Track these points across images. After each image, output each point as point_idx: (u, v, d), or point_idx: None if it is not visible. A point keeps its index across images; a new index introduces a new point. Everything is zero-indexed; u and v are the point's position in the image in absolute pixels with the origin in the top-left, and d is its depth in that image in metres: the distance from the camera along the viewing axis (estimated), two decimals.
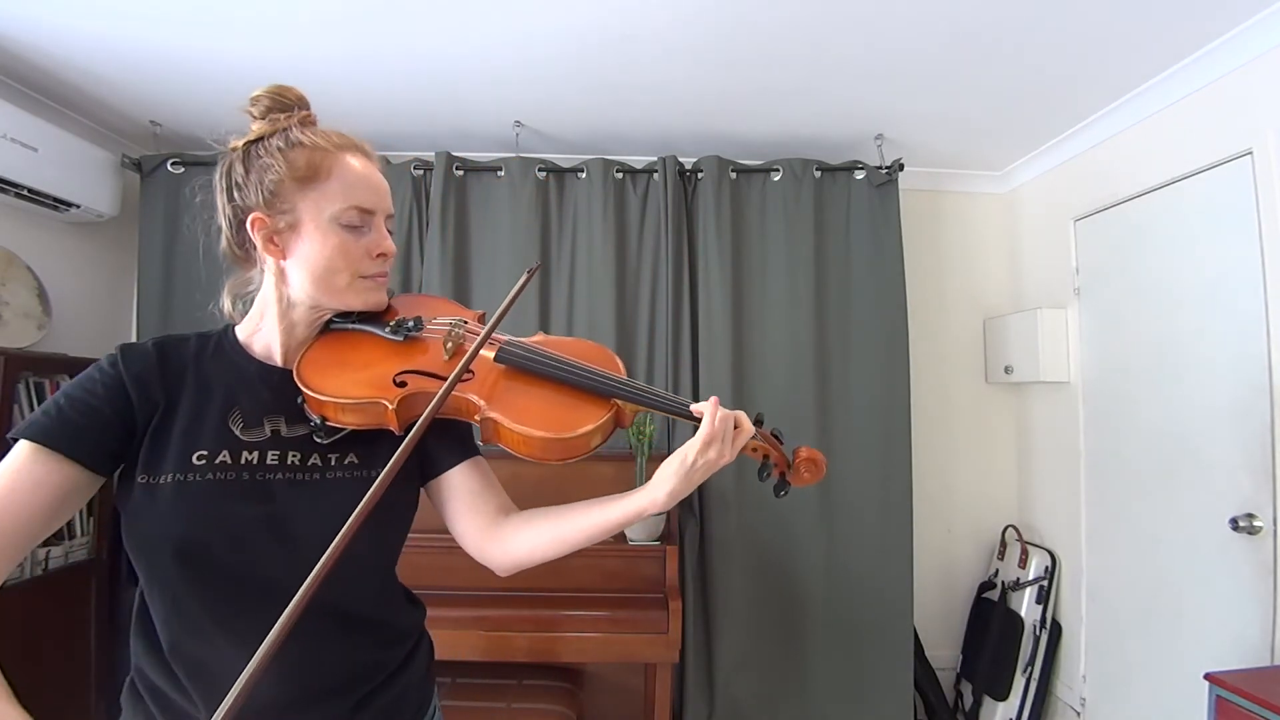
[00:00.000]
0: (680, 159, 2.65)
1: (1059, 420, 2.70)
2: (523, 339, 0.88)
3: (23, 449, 0.69)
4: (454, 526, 0.86)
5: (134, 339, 2.64)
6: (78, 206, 2.37)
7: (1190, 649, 2.03)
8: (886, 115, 2.47)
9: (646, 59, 2.09)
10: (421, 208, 2.64)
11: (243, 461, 0.75)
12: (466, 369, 0.79)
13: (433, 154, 2.60)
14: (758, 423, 0.86)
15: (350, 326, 0.84)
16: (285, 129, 0.79)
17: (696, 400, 0.84)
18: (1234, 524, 1.88)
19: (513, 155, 2.63)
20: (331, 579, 0.65)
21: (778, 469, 0.90)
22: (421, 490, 0.89)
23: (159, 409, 0.75)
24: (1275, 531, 1.79)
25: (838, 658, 2.53)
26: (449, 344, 0.84)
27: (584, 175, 2.63)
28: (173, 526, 0.70)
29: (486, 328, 0.82)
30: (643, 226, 2.66)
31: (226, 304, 0.88)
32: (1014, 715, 2.51)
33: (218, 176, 0.82)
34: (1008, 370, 2.82)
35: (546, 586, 2.12)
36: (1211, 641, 1.96)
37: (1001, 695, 2.54)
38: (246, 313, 0.86)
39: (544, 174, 2.61)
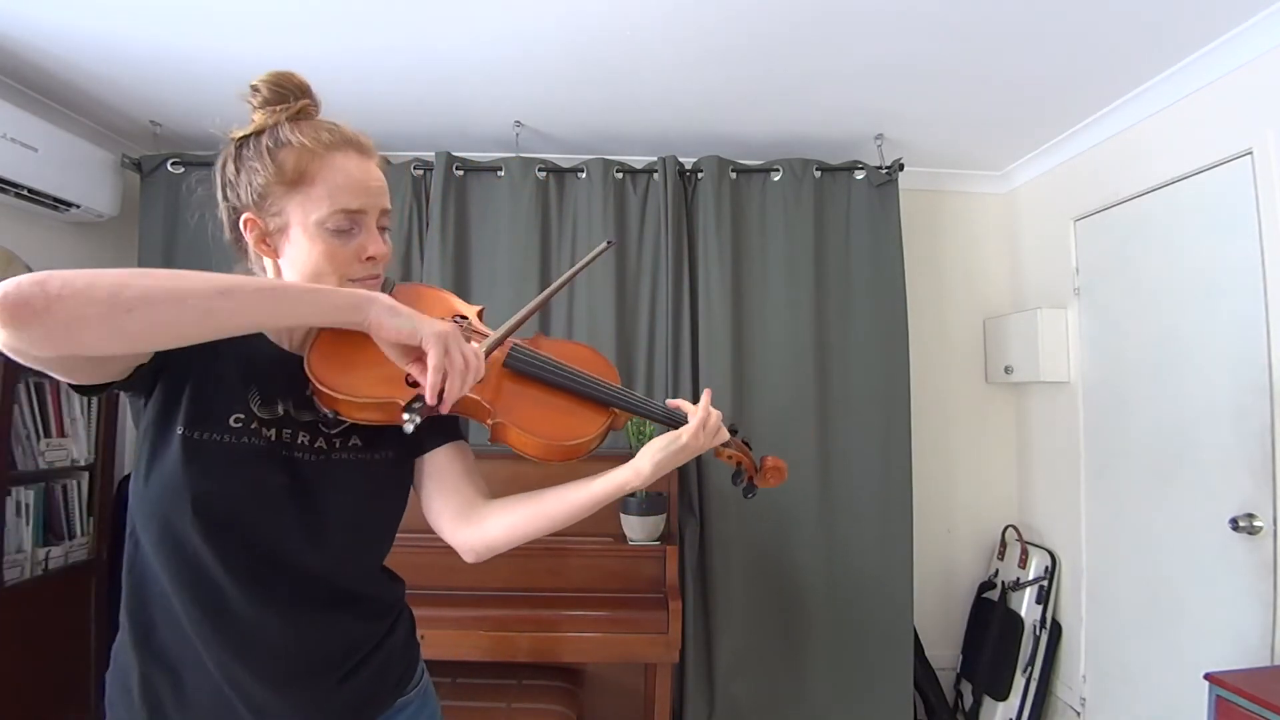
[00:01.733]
0: (680, 159, 2.65)
1: (1059, 420, 2.70)
2: (522, 340, 0.91)
3: None
4: (430, 505, 0.88)
5: None
6: (78, 206, 2.37)
7: (1190, 649, 2.03)
8: (886, 115, 2.47)
9: (646, 59, 2.09)
10: (421, 208, 2.64)
11: (267, 434, 0.77)
12: (501, 341, 0.84)
13: (433, 154, 2.60)
14: (732, 432, 0.95)
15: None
16: (276, 125, 0.78)
17: (692, 401, 0.93)
18: (1234, 524, 1.88)
19: (513, 155, 2.63)
20: (331, 550, 0.76)
21: (748, 474, 1.01)
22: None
23: (194, 367, 0.76)
24: (1275, 531, 1.79)
25: (838, 658, 2.53)
26: None
27: (584, 175, 2.63)
28: (211, 478, 0.72)
29: (503, 329, 0.85)
30: (643, 226, 2.66)
31: None
32: (1014, 715, 2.51)
33: (216, 170, 0.82)
34: (1008, 370, 2.82)
35: (547, 586, 2.12)
36: (1211, 641, 1.96)
37: (1001, 695, 2.54)
38: None
39: (544, 174, 2.61)
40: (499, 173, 2.61)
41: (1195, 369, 2.07)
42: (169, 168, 2.56)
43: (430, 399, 0.69)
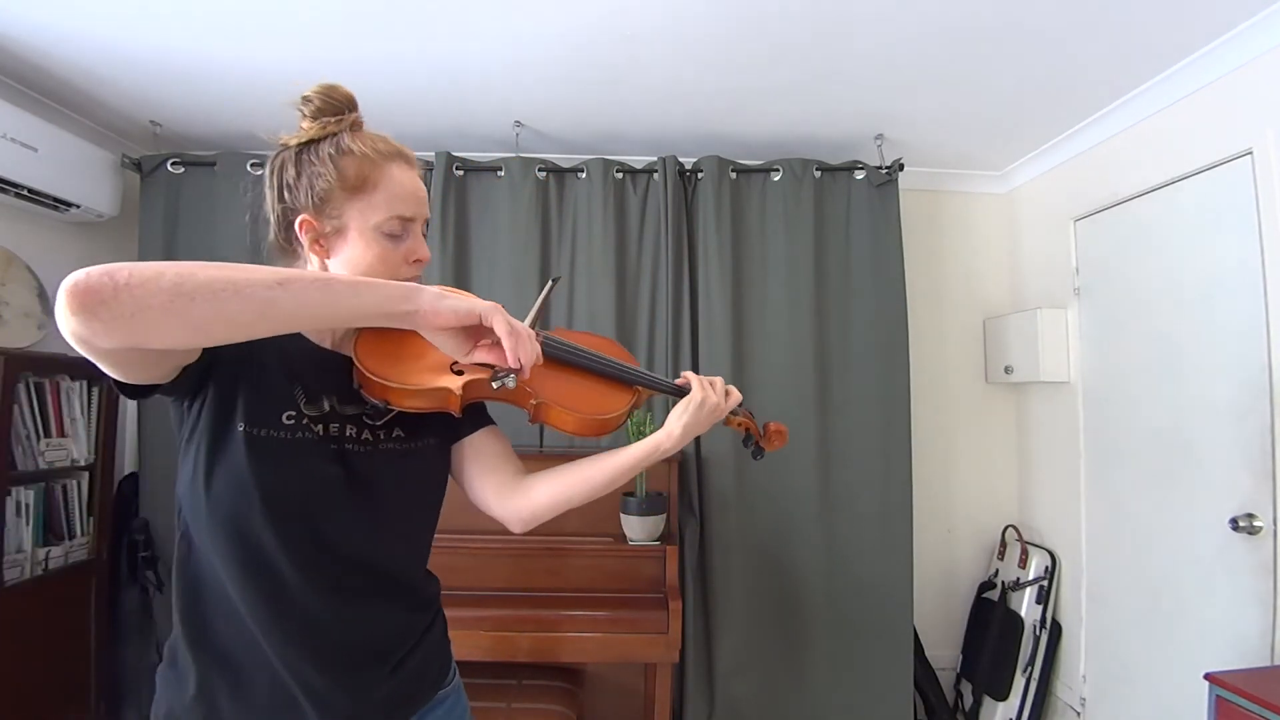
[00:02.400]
0: (680, 159, 2.65)
1: (1059, 420, 2.70)
2: (551, 331, 0.99)
3: None
4: (472, 485, 0.95)
5: None
6: (78, 206, 2.37)
7: (1190, 649, 2.03)
8: (886, 115, 2.47)
9: (646, 59, 2.09)
10: None
11: (316, 430, 0.81)
12: (541, 315, 0.93)
13: (433, 154, 2.60)
14: (739, 404, 1.05)
15: None
16: (336, 134, 0.83)
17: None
18: (1234, 524, 1.88)
19: (513, 155, 2.63)
20: (385, 538, 0.83)
21: (755, 439, 1.14)
22: None
23: (247, 366, 0.79)
24: (1275, 531, 1.79)
25: (838, 657, 2.53)
26: None
27: (584, 175, 2.63)
28: (273, 473, 0.76)
29: (531, 313, 0.92)
30: (643, 226, 2.66)
31: None
32: (1014, 715, 2.51)
33: (268, 173, 0.85)
34: (1008, 370, 2.82)
35: (547, 586, 2.12)
36: (1211, 641, 1.96)
37: (1001, 695, 2.55)
38: None
39: (544, 174, 2.61)
40: (499, 173, 2.61)
41: (1195, 369, 2.07)
42: (169, 168, 2.56)
43: (513, 362, 0.73)
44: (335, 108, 0.83)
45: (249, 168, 2.58)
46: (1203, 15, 1.80)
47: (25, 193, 2.18)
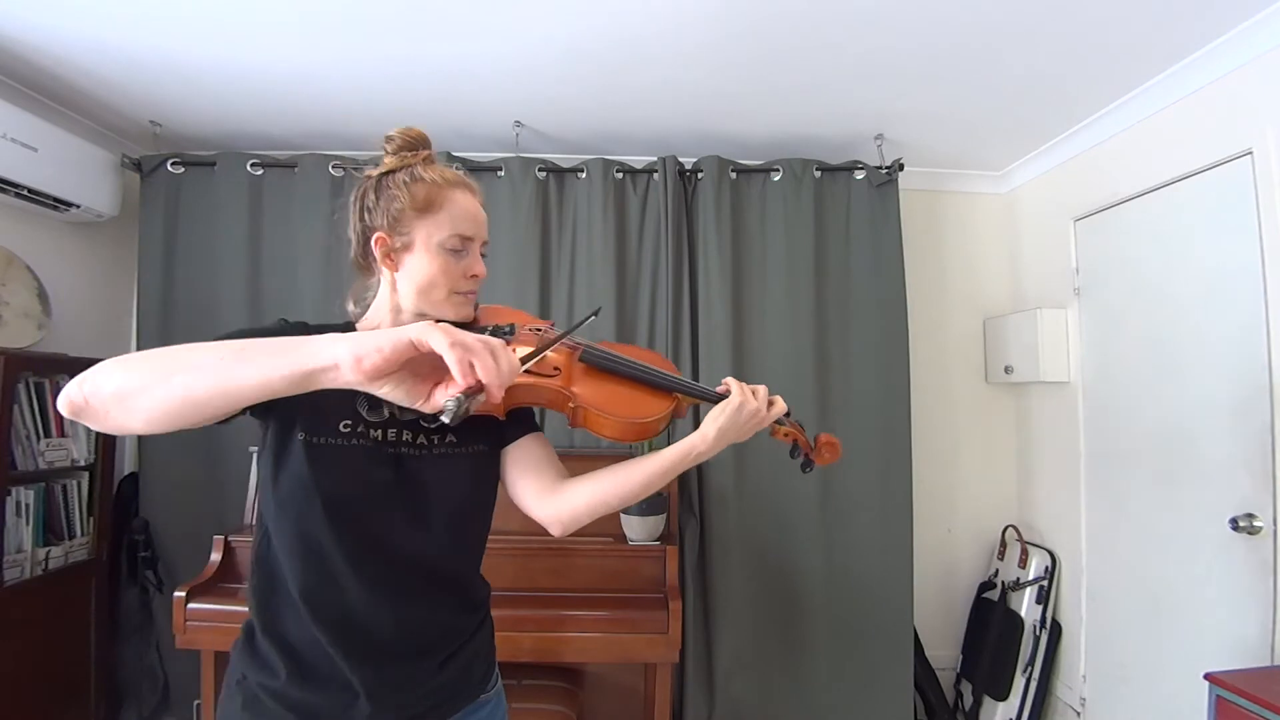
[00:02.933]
0: (680, 159, 2.65)
1: (1059, 420, 2.70)
2: (593, 342, 1.05)
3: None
4: (515, 488, 1.00)
5: (134, 339, 2.67)
6: (78, 206, 2.37)
7: (1190, 649, 2.03)
8: (886, 115, 2.47)
9: (646, 59, 2.09)
10: None
11: (373, 435, 0.89)
12: (572, 333, 0.98)
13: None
14: (786, 414, 1.04)
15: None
16: (411, 165, 0.95)
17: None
18: (1234, 524, 1.88)
19: (513, 155, 2.62)
20: (437, 539, 0.89)
21: (804, 451, 1.09)
22: None
23: None
24: (1275, 531, 1.79)
25: (838, 657, 2.53)
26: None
27: (584, 175, 2.63)
28: (331, 479, 0.84)
29: (568, 328, 0.99)
30: (643, 226, 2.66)
31: (351, 305, 1.04)
32: (1014, 715, 2.51)
33: (352, 200, 0.98)
34: (1008, 370, 2.82)
35: (547, 586, 2.12)
36: (1211, 641, 1.96)
37: (1001, 695, 2.54)
38: (362, 313, 1.01)
39: (544, 174, 2.61)
40: (499, 173, 2.61)
41: (1195, 369, 2.07)
42: (169, 168, 2.56)
43: (465, 379, 0.65)
44: (411, 144, 0.97)
45: (249, 168, 2.58)
46: (1202, 15, 1.80)
47: (25, 193, 2.18)
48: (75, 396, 0.65)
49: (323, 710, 0.85)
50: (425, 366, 0.69)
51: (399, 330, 0.66)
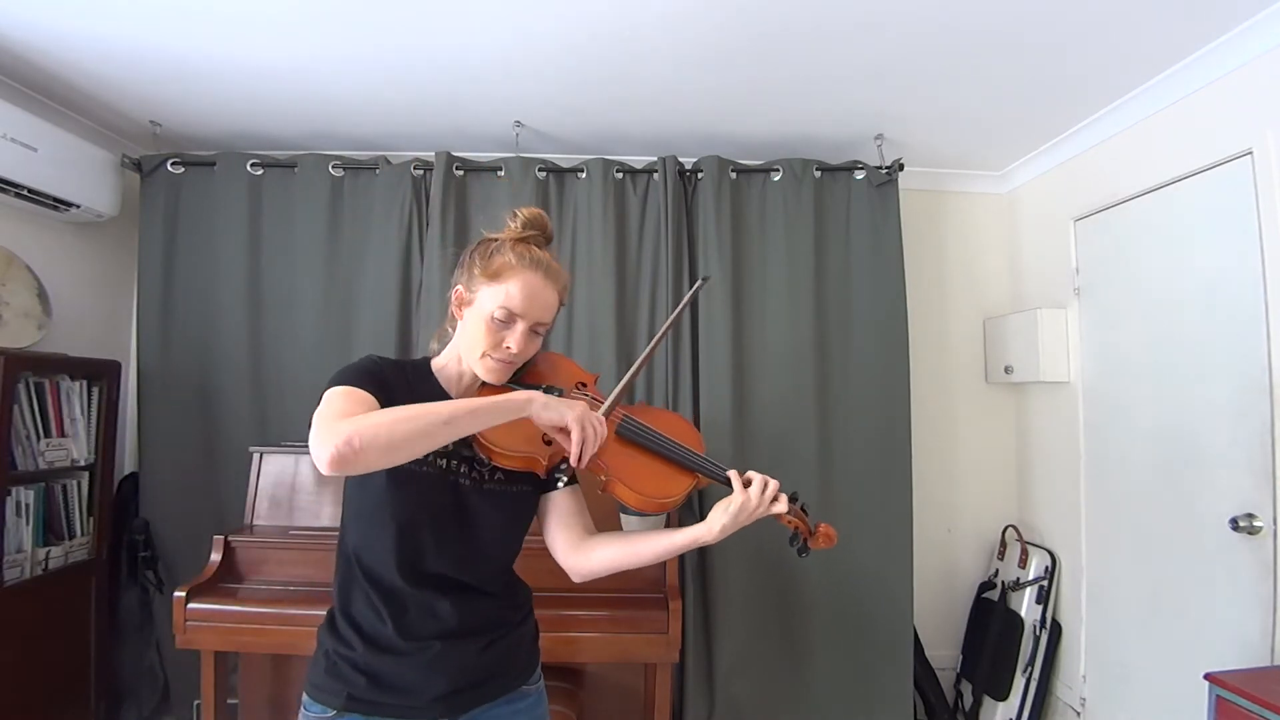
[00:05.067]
0: (680, 159, 2.65)
1: (1059, 420, 2.70)
2: (630, 409, 1.15)
3: (341, 388, 0.95)
4: (550, 533, 1.14)
5: (134, 339, 2.67)
6: (78, 206, 2.37)
7: (1190, 649, 2.03)
8: (886, 115, 2.47)
9: (646, 59, 2.09)
10: (421, 208, 2.64)
11: (439, 464, 1.03)
12: (614, 407, 1.11)
13: (433, 154, 2.60)
14: (793, 499, 1.11)
15: (507, 387, 1.08)
16: (510, 240, 1.08)
17: (742, 470, 1.11)
18: (1234, 524, 1.88)
19: (513, 155, 2.63)
20: (477, 555, 1.06)
21: (803, 537, 1.17)
22: None
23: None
24: (1275, 531, 1.79)
25: (838, 657, 2.53)
26: None
27: (584, 175, 2.62)
28: (406, 501, 1.00)
29: (609, 399, 1.11)
30: (643, 226, 2.66)
31: (434, 344, 1.19)
32: (1014, 715, 2.51)
33: (465, 254, 1.12)
34: (1008, 370, 2.82)
35: (548, 586, 2.10)
36: (1211, 641, 1.96)
37: (1001, 695, 2.55)
38: (439, 351, 1.16)
39: (544, 174, 2.61)
40: (499, 173, 2.61)
41: (1195, 369, 2.07)
42: (169, 168, 2.56)
43: (575, 463, 0.99)
44: (528, 223, 1.10)
45: (249, 168, 2.59)
46: (1202, 15, 1.80)
47: (25, 193, 2.18)
48: (344, 450, 0.81)
49: (385, 675, 1.00)
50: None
51: (566, 412, 0.97)
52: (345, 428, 0.82)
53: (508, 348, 1.05)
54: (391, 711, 1.00)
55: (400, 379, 1.04)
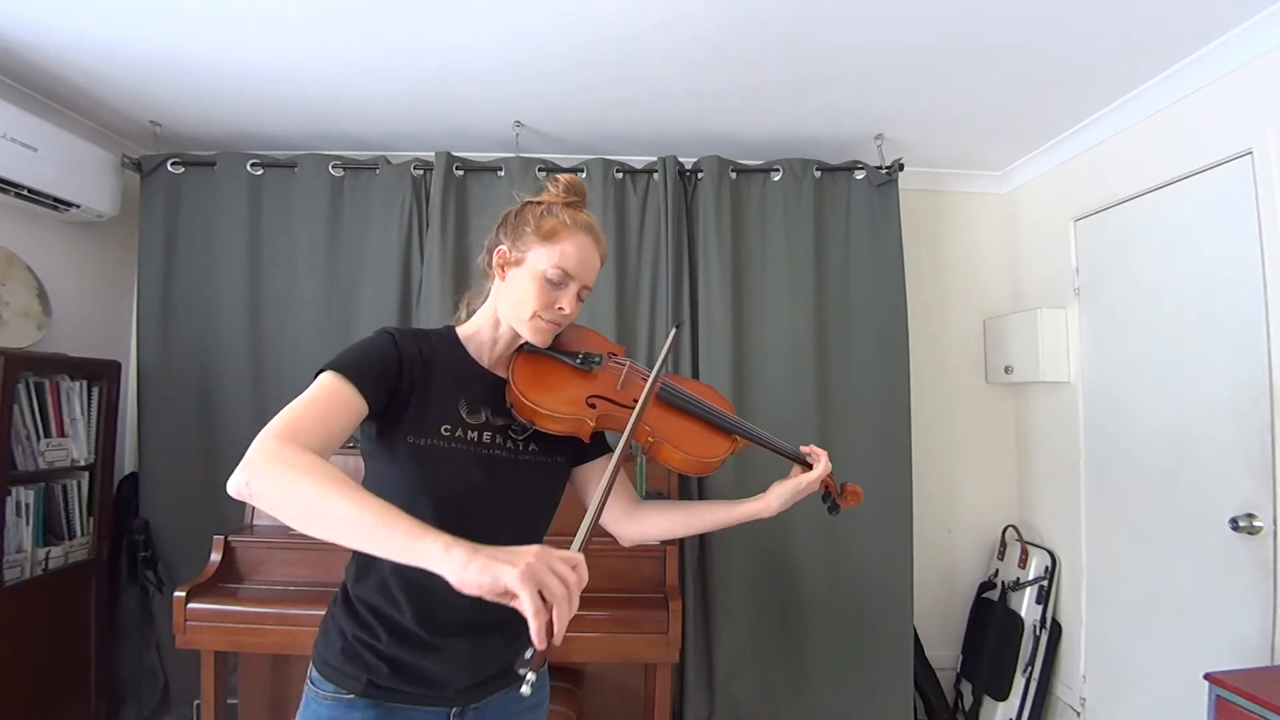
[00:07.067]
0: (680, 159, 2.65)
1: (1059, 420, 2.70)
2: (669, 376, 1.16)
3: (329, 378, 0.90)
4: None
5: (134, 339, 2.67)
6: (78, 206, 2.37)
7: (1190, 649, 2.03)
8: (886, 115, 2.47)
9: (646, 59, 2.09)
10: (421, 208, 2.64)
11: (469, 437, 1.00)
12: (648, 400, 1.04)
13: (433, 154, 2.60)
14: None
15: (545, 352, 1.07)
16: (557, 203, 1.07)
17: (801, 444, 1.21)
18: (1234, 524, 1.88)
19: (513, 155, 2.62)
20: (513, 530, 0.97)
21: (833, 496, 1.27)
22: None
23: (417, 385, 0.98)
24: (1275, 531, 1.79)
25: (838, 657, 2.53)
26: (621, 377, 1.12)
27: (584, 175, 2.62)
28: (436, 478, 0.96)
29: (652, 376, 1.06)
30: (643, 226, 2.66)
31: (462, 311, 1.17)
32: (1014, 715, 2.51)
33: (502, 216, 1.10)
34: (1008, 370, 2.82)
35: None
36: (1211, 641, 1.96)
37: (1001, 695, 2.54)
38: (467, 318, 1.14)
39: (544, 174, 2.61)
40: (499, 173, 2.61)
41: (1195, 369, 2.07)
42: (169, 168, 2.56)
43: (539, 643, 0.68)
44: (570, 189, 1.09)
45: (249, 168, 2.59)
46: (1202, 15, 1.80)
47: (25, 193, 2.18)
48: (243, 490, 0.79)
49: (409, 665, 0.98)
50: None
51: (500, 571, 0.70)
52: (260, 465, 0.78)
53: (560, 308, 1.03)
54: (411, 699, 0.98)
55: (417, 350, 1.00)
